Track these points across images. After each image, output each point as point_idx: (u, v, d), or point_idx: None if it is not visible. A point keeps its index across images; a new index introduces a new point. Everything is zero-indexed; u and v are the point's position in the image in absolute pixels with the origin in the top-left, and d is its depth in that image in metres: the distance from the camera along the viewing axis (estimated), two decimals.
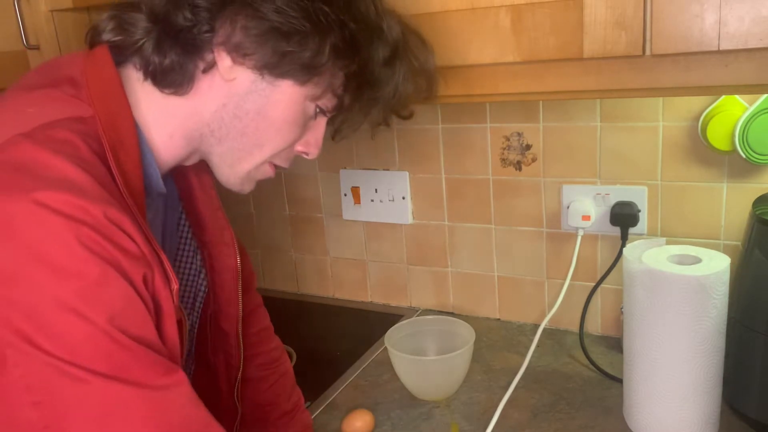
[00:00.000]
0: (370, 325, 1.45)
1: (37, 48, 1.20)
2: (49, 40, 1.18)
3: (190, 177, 0.86)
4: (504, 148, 1.30)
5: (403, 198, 1.42)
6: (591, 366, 1.19)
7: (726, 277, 0.91)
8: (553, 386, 1.15)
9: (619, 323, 1.26)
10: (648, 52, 0.79)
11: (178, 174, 0.82)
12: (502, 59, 0.87)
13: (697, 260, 0.94)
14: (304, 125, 0.76)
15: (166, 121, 0.72)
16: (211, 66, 0.70)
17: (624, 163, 1.20)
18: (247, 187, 0.80)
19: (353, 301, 1.58)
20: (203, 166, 0.81)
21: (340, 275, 1.58)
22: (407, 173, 1.41)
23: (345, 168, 1.48)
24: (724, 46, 0.74)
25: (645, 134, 1.17)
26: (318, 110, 0.76)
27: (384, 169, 1.44)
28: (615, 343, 1.25)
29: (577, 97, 0.89)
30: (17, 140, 0.59)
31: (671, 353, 0.93)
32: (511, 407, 1.09)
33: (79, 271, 0.56)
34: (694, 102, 1.11)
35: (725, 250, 1.13)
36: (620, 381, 1.07)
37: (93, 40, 0.72)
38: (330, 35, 0.69)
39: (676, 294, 0.90)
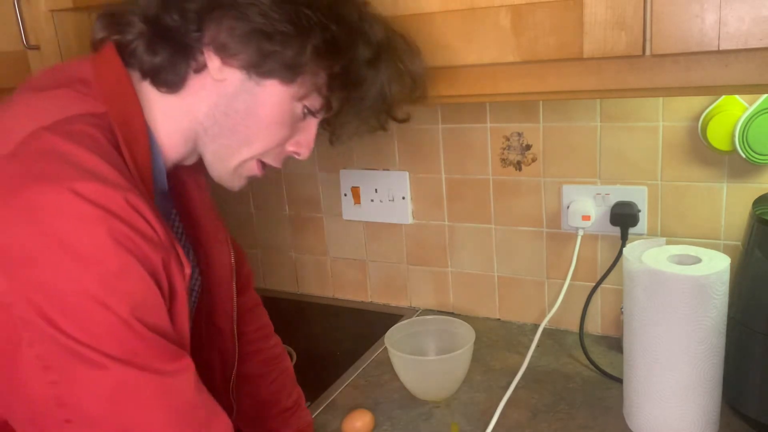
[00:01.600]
0: (370, 325, 1.45)
1: (37, 48, 1.20)
2: (50, 40, 1.18)
3: (185, 177, 0.88)
4: (504, 148, 1.30)
5: (403, 198, 1.42)
6: (591, 366, 1.19)
7: (726, 277, 0.91)
8: (553, 386, 1.15)
9: (619, 323, 1.26)
10: (648, 52, 0.79)
11: (172, 174, 0.83)
12: (502, 59, 0.87)
13: (697, 260, 0.94)
14: (292, 125, 0.78)
15: (165, 120, 0.75)
16: (202, 67, 0.73)
17: (624, 163, 1.20)
18: (237, 184, 0.82)
19: (353, 301, 1.58)
20: (198, 167, 0.84)
21: (340, 275, 1.58)
22: (407, 173, 1.41)
23: (345, 168, 1.48)
24: (724, 46, 0.75)
25: (645, 134, 1.17)
26: (306, 111, 0.78)
27: (384, 169, 1.44)
28: (615, 343, 1.25)
29: (577, 97, 0.89)
30: (40, 133, 0.62)
31: (671, 353, 0.93)
32: (511, 407, 1.09)
33: (103, 261, 0.59)
34: (694, 102, 1.11)
35: (725, 250, 1.13)
36: (620, 381, 1.07)
37: (94, 39, 0.75)
38: (311, 36, 0.72)
39: (676, 294, 0.90)
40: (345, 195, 1.49)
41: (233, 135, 0.76)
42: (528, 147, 1.28)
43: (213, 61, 0.73)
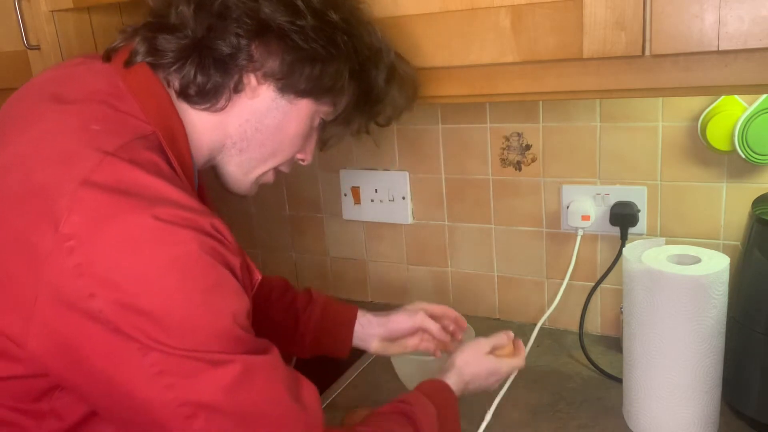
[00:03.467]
0: None
1: (37, 48, 1.20)
2: (50, 40, 1.19)
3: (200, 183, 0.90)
4: (504, 149, 1.30)
5: (403, 198, 1.43)
6: (591, 366, 1.19)
7: (725, 277, 0.91)
8: (552, 386, 1.15)
9: (618, 323, 1.26)
10: (648, 53, 0.79)
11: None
12: (502, 59, 0.87)
13: (696, 260, 0.94)
14: (309, 136, 0.85)
15: (197, 135, 0.77)
16: (239, 86, 0.76)
17: (624, 163, 1.20)
18: (253, 191, 0.88)
19: (353, 301, 1.57)
20: (202, 172, 0.86)
21: (340, 275, 1.58)
22: (407, 173, 1.41)
23: (345, 168, 1.48)
24: (723, 47, 0.75)
25: (645, 134, 1.17)
26: (321, 122, 0.84)
27: (384, 169, 1.44)
28: (614, 343, 1.26)
29: (577, 97, 0.89)
30: (109, 160, 0.63)
31: (671, 353, 0.93)
32: (511, 406, 1.09)
33: (205, 275, 0.64)
34: (694, 102, 1.11)
35: (725, 250, 1.14)
36: (620, 381, 1.07)
37: (130, 60, 0.75)
38: (349, 60, 0.78)
39: (676, 294, 0.90)
40: (345, 195, 1.49)
41: (261, 148, 0.80)
42: (528, 147, 1.28)
43: (251, 82, 0.76)
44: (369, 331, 1.07)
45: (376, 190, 1.45)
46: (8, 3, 1.19)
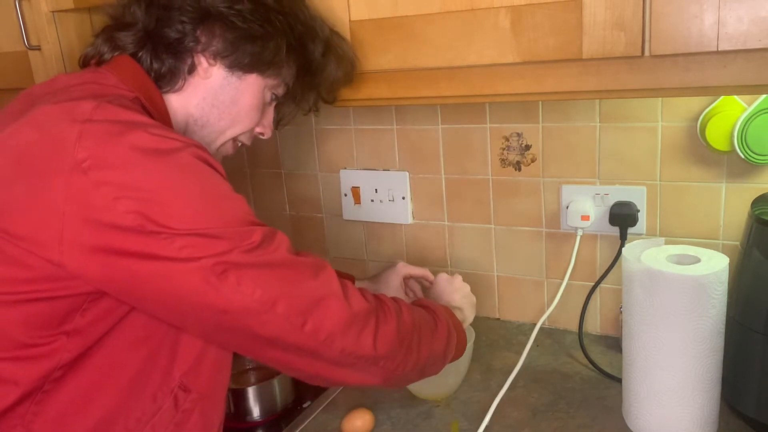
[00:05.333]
0: None
1: (38, 48, 1.21)
2: (51, 40, 1.19)
3: None
4: (503, 149, 1.30)
5: (403, 198, 1.43)
6: (590, 365, 1.19)
7: (725, 277, 0.91)
8: (552, 386, 1.15)
9: (618, 323, 1.26)
10: (647, 53, 0.79)
11: None
12: (502, 60, 0.87)
13: (696, 260, 0.94)
14: (263, 110, 0.95)
15: (168, 116, 0.88)
16: (193, 69, 0.87)
17: (623, 163, 1.20)
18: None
19: None
20: None
21: None
22: (407, 173, 1.41)
23: (345, 168, 1.48)
24: (723, 47, 0.75)
25: (644, 134, 1.17)
26: (272, 97, 0.95)
27: (384, 169, 1.44)
28: (614, 343, 1.26)
29: (577, 97, 0.89)
30: (104, 105, 0.73)
31: (670, 353, 0.93)
32: (511, 406, 1.09)
33: (205, 172, 0.75)
34: (693, 102, 1.12)
35: (724, 249, 1.14)
36: (619, 380, 1.07)
37: (100, 58, 0.88)
38: (285, 36, 0.89)
39: (675, 294, 0.90)
40: (345, 195, 1.49)
41: (218, 122, 0.91)
42: (527, 147, 1.28)
43: (202, 63, 0.87)
44: None
45: (376, 190, 1.45)
46: (9, 3, 1.19)
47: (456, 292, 1.11)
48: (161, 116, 0.84)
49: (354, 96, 1.02)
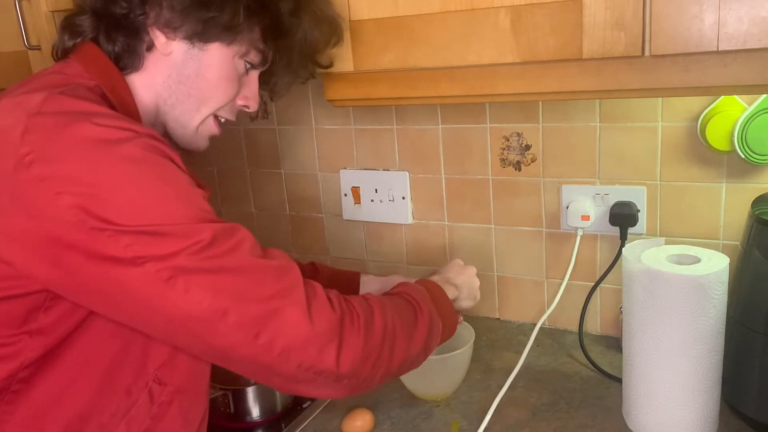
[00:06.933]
0: None
1: (38, 48, 1.21)
2: (50, 40, 1.18)
3: None
4: (504, 149, 1.30)
5: (403, 198, 1.43)
6: (590, 365, 1.19)
7: (725, 277, 0.91)
8: (552, 386, 1.15)
9: (618, 323, 1.26)
10: (647, 53, 0.79)
11: None
12: (502, 60, 0.87)
13: (696, 260, 0.94)
14: (238, 81, 0.89)
15: (135, 99, 0.85)
16: (150, 45, 0.83)
17: (623, 163, 1.20)
18: (202, 144, 0.92)
19: None
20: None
21: None
22: (407, 173, 1.41)
23: (345, 168, 1.48)
24: (723, 47, 0.75)
25: (644, 134, 1.17)
26: (248, 65, 0.89)
27: (384, 169, 1.44)
28: (614, 343, 1.26)
29: (577, 97, 0.89)
30: (54, 95, 0.71)
31: (670, 353, 0.93)
32: (511, 406, 1.09)
33: (153, 163, 0.70)
34: (693, 102, 1.12)
35: (724, 249, 1.14)
36: (619, 380, 1.07)
37: (64, 47, 0.85)
38: None
39: (676, 294, 0.90)
40: (345, 195, 1.49)
41: (189, 99, 0.86)
42: (527, 147, 1.28)
43: (159, 38, 0.82)
44: (369, 287, 1.13)
45: (376, 190, 1.45)
46: (8, 3, 1.19)
47: (460, 274, 1.06)
48: (123, 103, 0.81)
49: (354, 96, 1.02)
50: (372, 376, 0.79)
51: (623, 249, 1.01)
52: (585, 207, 1.23)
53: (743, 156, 1.05)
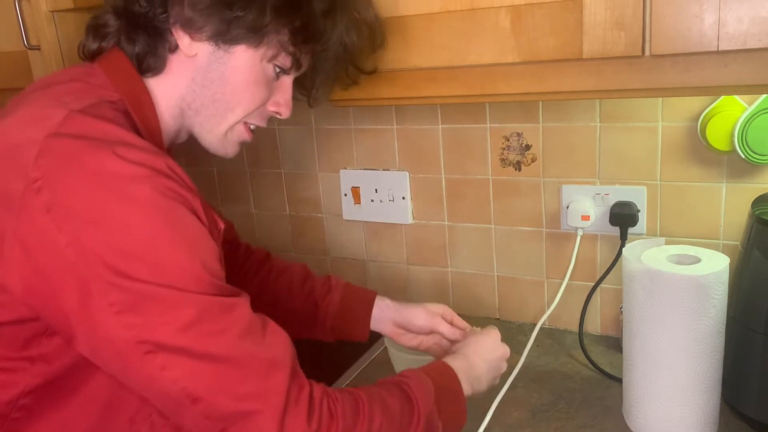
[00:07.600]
0: None
1: (38, 48, 1.21)
2: (50, 40, 1.19)
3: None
4: (504, 149, 1.30)
5: (403, 198, 1.43)
6: (590, 365, 1.19)
7: (725, 277, 0.91)
8: (552, 386, 1.15)
9: (618, 323, 1.26)
10: (647, 53, 0.79)
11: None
12: (502, 60, 0.87)
13: (696, 260, 0.94)
14: (267, 86, 0.84)
15: (157, 103, 0.82)
16: (174, 46, 0.79)
17: (623, 163, 1.20)
18: (231, 150, 0.88)
19: None
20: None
21: (340, 275, 1.58)
22: (407, 173, 1.41)
23: (345, 168, 1.48)
24: (723, 47, 0.75)
25: (644, 134, 1.17)
26: (278, 70, 0.84)
27: (384, 169, 1.44)
28: (614, 343, 1.26)
29: (577, 97, 0.89)
30: (74, 116, 0.69)
31: (670, 353, 0.93)
32: (511, 406, 1.09)
33: (165, 212, 0.66)
34: (694, 102, 1.11)
35: (724, 249, 1.14)
36: (620, 380, 1.07)
37: (89, 50, 0.82)
38: None
39: (676, 294, 0.90)
40: (345, 195, 1.49)
41: (214, 104, 0.82)
42: (527, 147, 1.28)
43: (182, 39, 0.78)
44: (385, 314, 1.09)
45: (376, 190, 1.45)
46: (8, 3, 1.19)
47: (491, 354, 0.95)
48: (146, 120, 0.79)
49: (354, 96, 1.02)
50: None
51: (623, 249, 1.01)
52: (585, 207, 1.23)
53: (743, 156, 1.05)
